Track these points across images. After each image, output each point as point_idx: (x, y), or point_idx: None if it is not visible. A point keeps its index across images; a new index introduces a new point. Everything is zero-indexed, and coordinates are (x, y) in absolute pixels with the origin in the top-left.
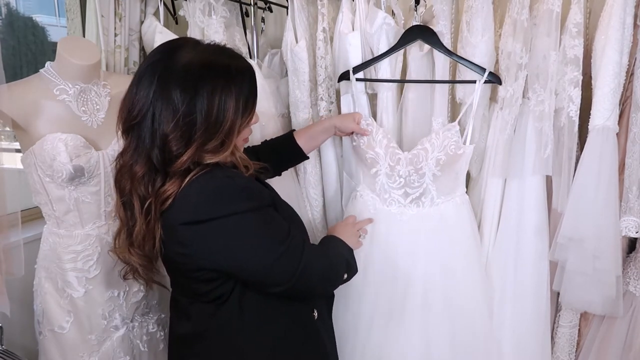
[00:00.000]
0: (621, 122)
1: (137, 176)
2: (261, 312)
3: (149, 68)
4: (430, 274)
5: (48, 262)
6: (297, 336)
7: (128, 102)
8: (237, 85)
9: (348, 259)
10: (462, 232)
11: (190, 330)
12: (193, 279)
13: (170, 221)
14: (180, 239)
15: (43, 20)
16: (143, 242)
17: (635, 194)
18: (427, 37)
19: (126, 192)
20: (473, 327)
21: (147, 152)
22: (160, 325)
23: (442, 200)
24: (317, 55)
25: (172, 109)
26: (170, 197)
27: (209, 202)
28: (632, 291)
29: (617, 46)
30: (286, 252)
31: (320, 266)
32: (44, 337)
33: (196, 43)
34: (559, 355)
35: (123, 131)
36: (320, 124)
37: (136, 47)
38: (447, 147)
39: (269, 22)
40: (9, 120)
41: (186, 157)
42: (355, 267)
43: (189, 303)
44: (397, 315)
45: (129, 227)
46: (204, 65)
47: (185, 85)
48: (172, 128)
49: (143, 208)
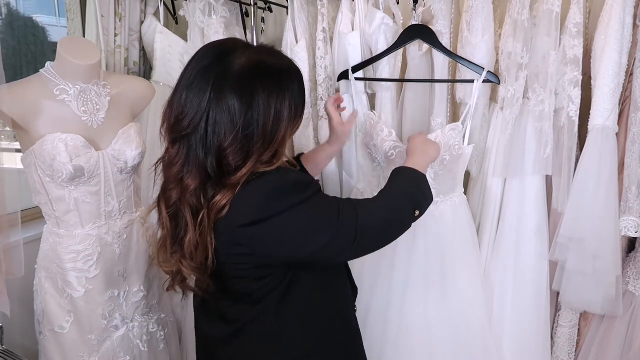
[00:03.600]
0: (621, 122)
1: (190, 189)
2: (306, 305)
3: (201, 73)
4: (428, 273)
5: (48, 262)
6: (339, 329)
7: (176, 109)
8: (290, 91)
9: (415, 193)
10: (460, 232)
11: (229, 331)
12: (243, 278)
13: (227, 226)
14: (239, 240)
15: (43, 21)
16: (195, 252)
17: (634, 194)
18: (426, 36)
19: (172, 202)
20: (471, 326)
21: (201, 164)
22: (161, 325)
23: (440, 200)
24: (317, 55)
25: (230, 120)
26: (226, 207)
27: (267, 202)
28: (631, 291)
29: (616, 46)
30: (343, 222)
31: (380, 219)
32: (44, 337)
33: (246, 46)
34: (559, 355)
35: (170, 141)
36: (322, 149)
37: (136, 47)
38: (452, 148)
39: (269, 22)
40: (9, 120)
41: (246, 171)
42: (430, 195)
43: (230, 305)
44: (395, 313)
45: (178, 239)
46: (260, 71)
47: (242, 94)
48: (230, 141)
49: (197, 219)
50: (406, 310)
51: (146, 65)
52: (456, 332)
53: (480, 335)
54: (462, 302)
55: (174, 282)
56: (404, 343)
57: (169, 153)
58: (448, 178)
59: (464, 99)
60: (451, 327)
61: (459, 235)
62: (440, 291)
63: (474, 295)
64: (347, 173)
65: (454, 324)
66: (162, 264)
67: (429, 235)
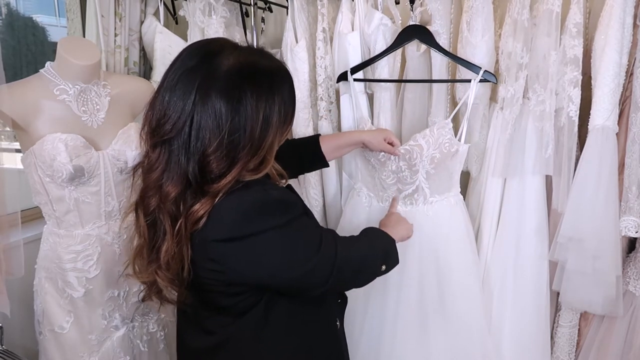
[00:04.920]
0: (621, 122)
1: (170, 197)
2: (286, 322)
3: (185, 74)
4: (424, 273)
5: (48, 262)
6: (320, 346)
7: (158, 111)
8: (280, 95)
9: (387, 249)
10: (456, 232)
11: (209, 344)
12: (218, 293)
13: (202, 238)
14: (212, 255)
15: (43, 21)
16: (171, 262)
17: (634, 194)
18: (423, 36)
19: (151, 210)
20: (468, 326)
21: (182, 170)
22: (160, 325)
23: (435, 199)
24: (316, 55)
25: (216, 124)
26: (203, 218)
27: (245, 219)
28: (632, 291)
29: (616, 46)
30: (321, 258)
31: (354, 262)
32: (44, 337)
33: (234, 47)
34: (559, 355)
35: (151, 145)
36: (348, 136)
37: (136, 47)
38: (442, 145)
39: (269, 22)
40: (9, 120)
41: (230, 178)
42: (396, 258)
43: (209, 317)
44: (391, 315)
45: (155, 248)
46: (249, 73)
47: (229, 97)
48: (215, 146)
49: (174, 228)
50: (401, 312)
51: (146, 65)
52: (454, 335)
53: (477, 335)
54: (458, 304)
55: (150, 292)
56: (400, 347)
57: (148, 158)
58: (442, 177)
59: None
60: (448, 329)
61: (454, 235)
62: (436, 292)
63: (470, 294)
64: (346, 173)
65: (451, 326)
66: (138, 274)
67: (423, 235)
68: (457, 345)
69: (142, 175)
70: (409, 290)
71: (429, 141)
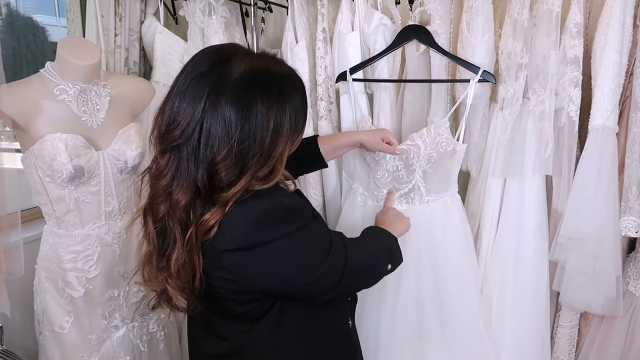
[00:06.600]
0: (621, 122)
1: (180, 205)
2: (300, 326)
3: (196, 80)
4: (421, 272)
5: (48, 262)
6: (335, 346)
7: (168, 117)
8: (291, 104)
9: (390, 248)
10: (452, 232)
11: (223, 350)
12: (231, 301)
13: (213, 248)
14: (224, 264)
15: (43, 20)
16: (182, 270)
17: (635, 194)
18: (422, 36)
19: (160, 217)
20: (465, 328)
21: (191, 177)
22: (161, 325)
23: (431, 198)
24: (316, 55)
25: (226, 132)
26: (214, 227)
27: (256, 228)
28: (632, 291)
29: (616, 46)
30: (331, 264)
31: (363, 265)
32: (44, 337)
33: (246, 53)
34: (559, 355)
35: (160, 150)
36: (346, 137)
37: (136, 47)
38: (439, 144)
39: (269, 22)
40: (9, 120)
41: (239, 187)
42: (400, 255)
43: (221, 323)
44: (389, 312)
45: (165, 255)
46: (260, 80)
47: (239, 104)
48: (224, 155)
49: (185, 236)
50: (398, 311)
51: (146, 65)
52: (452, 336)
53: (474, 334)
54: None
55: (160, 300)
56: (398, 346)
57: (157, 163)
58: (439, 176)
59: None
60: (445, 330)
61: (450, 235)
62: (433, 291)
63: (467, 295)
64: (346, 172)
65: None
66: (147, 282)
67: (420, 234)
68: (455, 345)
69: (150, 181)
70: (407, 290)
71: (426, 140)
